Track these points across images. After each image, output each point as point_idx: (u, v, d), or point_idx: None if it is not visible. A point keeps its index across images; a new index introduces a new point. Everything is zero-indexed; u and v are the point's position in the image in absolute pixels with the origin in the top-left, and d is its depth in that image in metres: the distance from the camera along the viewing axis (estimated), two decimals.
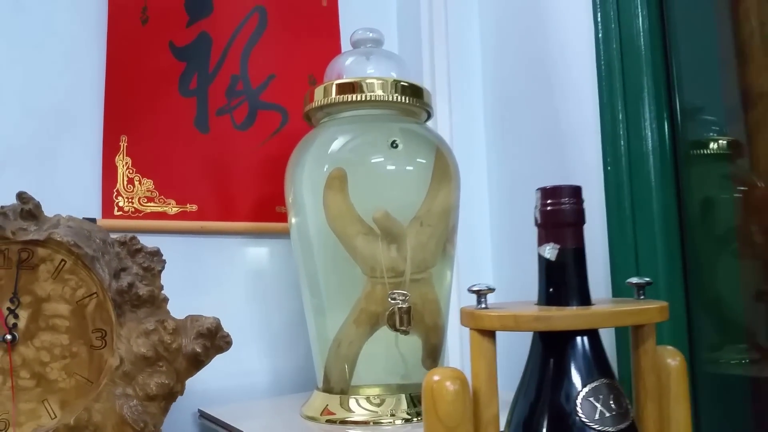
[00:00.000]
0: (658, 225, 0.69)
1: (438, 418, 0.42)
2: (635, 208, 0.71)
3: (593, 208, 0.72)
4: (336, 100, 0.68)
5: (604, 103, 0.74)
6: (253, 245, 0.86)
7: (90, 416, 0.49)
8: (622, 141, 0.72)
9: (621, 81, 0.73)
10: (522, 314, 0.42)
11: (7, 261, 0.49)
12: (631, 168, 0.71)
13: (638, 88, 0.71)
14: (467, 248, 0.89)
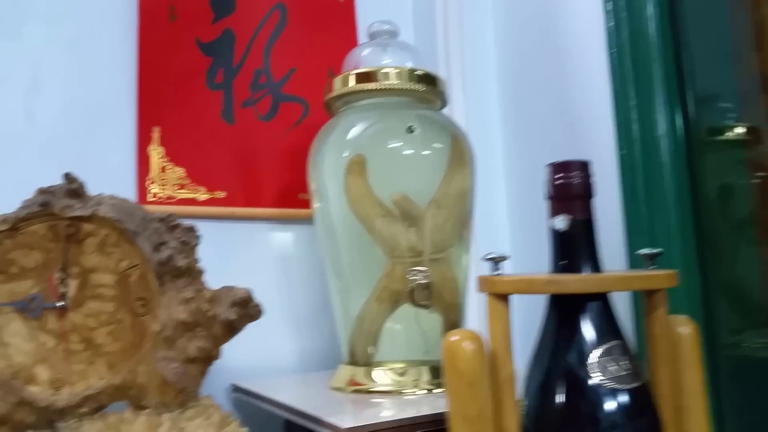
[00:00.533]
0: (672, 209, 0.71)
1: (458, 375, 0.45)
2: (649, 192, 0.73)
3: (608, 193, 0.75)
4: (354, 89, 0.72)
5: (616, 90, 0.77)
6: (278, 230, 0.90)
7: (135, 377, 0.53)
8: (635, 126, 0.75)
9: (632, 68, 0.76)
10: (534, 278, 0.46)
11: (56, 235, 0.54)
12: (643, 152, 0.74)
13: (649, 75, 0.74)
14: (485, 233, 0.92)
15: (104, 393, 0.53)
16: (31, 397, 0.51)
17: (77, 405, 0.52)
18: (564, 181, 0.49)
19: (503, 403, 0.47)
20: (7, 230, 0.53)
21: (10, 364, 0.52)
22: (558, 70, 0.86)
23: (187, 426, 0.52)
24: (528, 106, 0.91)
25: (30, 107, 0.76)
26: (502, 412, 0.47)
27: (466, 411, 0.45)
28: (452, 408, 0.46)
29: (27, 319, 0.53)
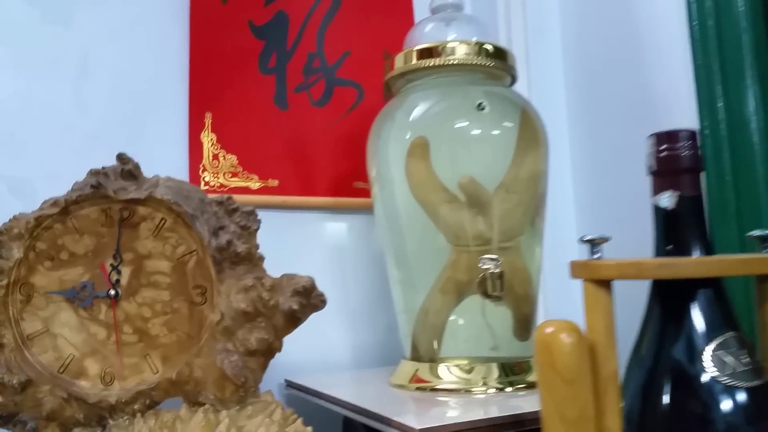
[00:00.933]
0: (763, 194, 0.66)
1: (556, 372, 0.40)
2: (737, 176, 0.67)
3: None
4: (417, 66, 0.67)
5: (698, 65, 0.71)
6: (332, 221, 0.86)
7: (191, 371, 0.50)
8: (720, 104, 0.69)
9: (717, 40, 0.70)
10: (644, 261, 0.40)
11: (109, 219, 0.50)
12: (730, 133, 0.68)
13: (736, 48, 0.68)
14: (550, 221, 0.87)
15: (158, 388, 0.49)
16: (81, 393, 0.48)
17: (129, 401, 0.48)
18: (670, 153, 0.44)
19: (605, 403, 0.41)
20: (58, 214, 0.49)
21: (59, 356, 0.49)
22: (631, 42, 0.79)
23: (246, 424, 0.48)
24: (597, 84, 0.85)
25: (80, 93, 0.73)
26: (604, 413, 0.41)
27: (564, 412, 0.40)
28: (547, 408, 0.41)
29: (77, 309, 0.50)
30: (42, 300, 0.49)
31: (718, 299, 0.43)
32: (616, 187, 0.85)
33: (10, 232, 0.48)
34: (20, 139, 0.70)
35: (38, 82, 0.71)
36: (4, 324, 0.48)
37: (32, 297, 0.49)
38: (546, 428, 0.41)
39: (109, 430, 0.48)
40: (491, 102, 0.66)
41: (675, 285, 0.43)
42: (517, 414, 0.53)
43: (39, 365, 0.48)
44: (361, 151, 0.83)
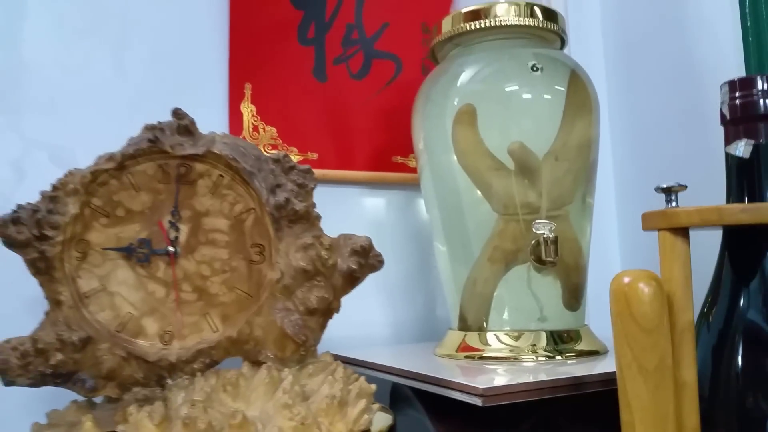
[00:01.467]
0: None
1: (634, 321, 0.39)
2: None
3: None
4: (465, 29, 0.66)
5: (747, 32, 0.69)
6: (371, 195, 0.85)
7: (251, 330, 0.49)
8: None
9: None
10: (727, 207, 0.39)
11: (166, 176, 0.49)
12: None
13: None
14: None
15: (218, 347, 0.48)
16: (140, 351, 0.47)
17: (189, 360, 0.48)
18: (746, 100, 0.43)
19: (681, 354, 0.41)
20: (114, 169, 0.49)
21: (117, 314, 0.48)
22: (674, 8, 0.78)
23: (308, 382, 0.47)
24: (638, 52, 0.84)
25: (119, 61, 0.73)
26: (680, 364, 0.40)
27: (643, 362, 0.39)
28: (625, 359, 0.40)
29: (134, 266, 0.49)
30: (98, 257, 0.49)
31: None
32: (656, 159, 0.84)
33: (66, 187, 0.48)
34: (60, 107, 0.69)
35: (78, 49, 0.70)
36: (60, 281, 0.47)
37: (88, 254, 0.48)
38: (623, 379, 0.40)
39: (168, 389, 0.47)
40: (542, 64, 0.65)
41: (751, 236, 0.42)
42: (577, 376, 0.52)
43: (97, 323, 0.47)
44: (400, 125, 0.82)
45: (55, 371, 0.46)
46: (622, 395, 0.40)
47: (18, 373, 0.46)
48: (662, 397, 0.39)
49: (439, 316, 0.87)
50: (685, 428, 0.40)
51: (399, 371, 0.59)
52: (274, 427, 0.43)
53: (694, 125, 0.78)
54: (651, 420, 0.39)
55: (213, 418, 0.43)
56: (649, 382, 0.39)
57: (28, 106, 0.69)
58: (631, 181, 0.88)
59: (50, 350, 0.46)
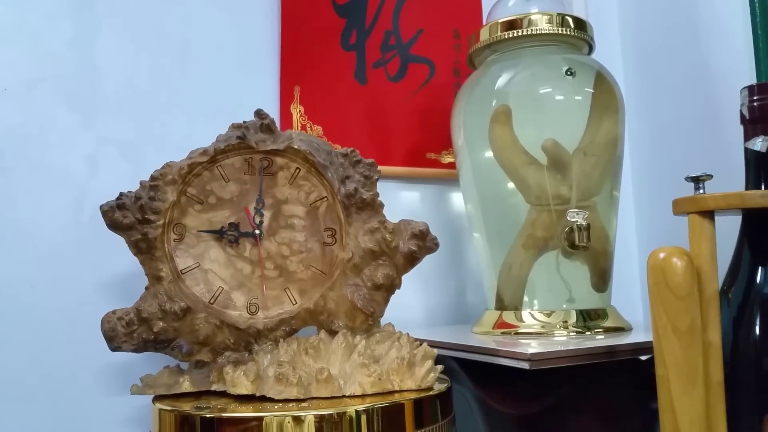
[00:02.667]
0: None
1: (669, 289, 0.46)
2: None
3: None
4: (502, 37, 0.73)
5: (759, 42, 0.76)
6: (406, 189, 0.92)
7: (325, 303, 0.56)
8: None
9: None
10: (748, 193, 0.46)
11: (251, 168, 0.56)
12: None
13: None
14: None
15: (297, 317, 0.55)
16: (232, 320, 0.54)
17: (273, 328, 0.54)
18: (763, 102, 0.50)
19: (708, 319, 0.47)
20: (207, 162, 0.56)
21: (210, 289, 0.55)
22: (690, 16, 0.85)
23: (377, 348, 0.54)
24: (655, 59, 0.91)
25: (182, 64, 0.79)
26: (707, 327, 0.47)
27: (677, 324, 0.46)
28: (661, 322, 0.47)
29: (225, 247, 0.56)
30: (193, 239, 0.55)
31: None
32: (671, 156, 0.91)
33: (165, 178, 0.54)
34: (128, 107, 0.76)
35: (144, 56, 0.77)
36: (161, 259, 0.54)
37: (184, 236, 0.55)
38: (659, 339, 0.47)
39: (255, 353, 0.54)
40: (573, 69, 0.72)
41: (765, 220, 0.49)
42: (610, 345, 0.59)
43: (193, 296, 0.54)
44: (433, 124, 0.90)
45: (156, 338, 0.53)
46: (657, 353, 0.47)
47: (123, 340, 0.53)
48: (693, 355, 0.46)
49: (470, 302, 0.94)
50: (712, 382, 0.47)
51: (447, 344, 0.66)
52: (355, 382, 0.50)
53: (707, 126, 0.85)
54: (683, 374, 0.46)
55: (301, 374, 0.49)
56: (682, 341, 0.46)
57: (99, 106, 0.75)
58: (648, 177, 0.95)
59: (153, 319, 0.53)
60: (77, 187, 0.73)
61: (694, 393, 0.45)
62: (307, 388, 0.49)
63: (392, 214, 0.90)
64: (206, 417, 0.46)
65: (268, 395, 0.49)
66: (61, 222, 0.71)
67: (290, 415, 0.45)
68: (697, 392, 0.45)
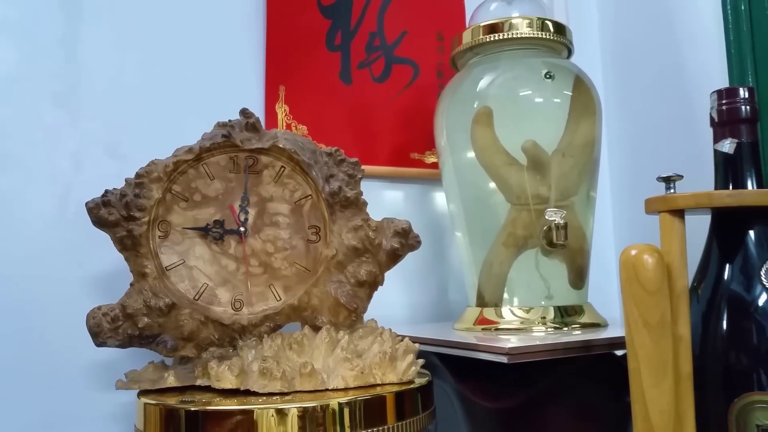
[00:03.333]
0: None
1: (640, 285, 0.48)
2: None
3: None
4: (484, 40, 0.74)
5: (731, 48, 0.78)
6: (390, 189, 0.93)
7: (309, 299, 0.57)
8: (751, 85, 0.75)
9: (748, 22, 0.77)
10: (715, 192, 0.48)
11: (237, 166, 0.57)
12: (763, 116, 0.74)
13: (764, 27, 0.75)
14: None
15: (281, 313, 0.56)
16: (216, 316, 0.55)
17: (257, 323, 0.56)
18: (730, 106, 0.51)
19: (678, 314, 0.49)
20: (192, 160, 0.57)
21: (195, 285, 0.56)
22: (666, 25, 0.87)
23: (360, 343, 0.56)
24: (633, 63, 0.93)
25: (169, 65, 0.80)
26: (677, 321, 0.49)
27: (647, 318, 0.48)
28: (632, 316, 0.48)
29: (210, 244, 0.57)
30: (178, 236, 0.56)
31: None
32: (647, 158, 0.93)
33: (150, 175, 0.55)
34: (113, 106, 0.76)
35: (129, 54, 0.78)
36: (146, 256, 0.55)
37: (169, 233, 0.56)
38: (630, 333, 0.49)
39: (240, 349, 0.55)
40: (552, 72, 0.74)
41: (732, 218, 0.51)
42: (586, 339, 0.61)
43: (177, 292, 0.55)
44: (416, 125, 0.91)
45: (141, 333, 0.54)
46: (629, 346, 0.49)
47: (109, 335, 0.54)
48: (663, 347, 0.47)
49: (452, 299, 0.95)
50: (681, 374, 0.49)
51: (428, 340, 0.67)
52: (338, 376, 0.52)
53: (681, 128, 0.87)
54: (654, 366, 0.47)
55: (285, 368, 0.51)
56: (652, 334, 0.48)
57: (85, 104, 0.76)
58: (624, 177, 0.97)
59: (138, 315, 0.54)
60: (62, 184, 0.74)
61: (664, 384, 0.47)
62: (291, 382, 0.50)
63: (376, 213, 0.91)
64: (191, 410, 0.47)
65: (252, 389, 0.50)
66: (46, 219, 0.71)
67: (274, 408, 0.46)
68: (667, 384, 0.47)
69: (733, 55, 0.77)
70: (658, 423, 0.47)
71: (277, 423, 0.46)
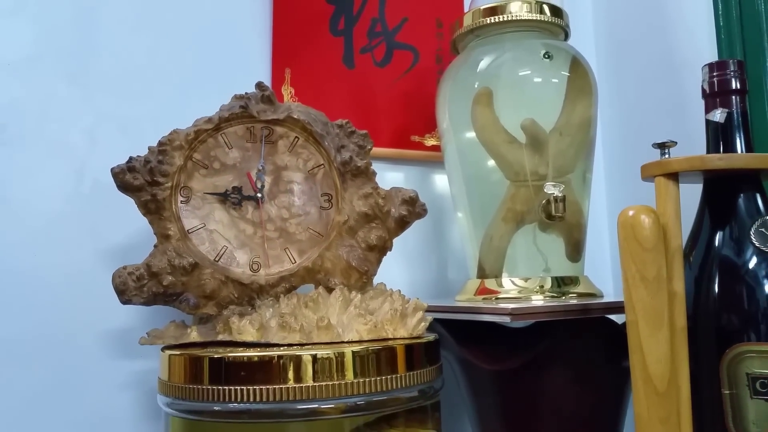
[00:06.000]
0: None
1: (637, 242, 0.51)
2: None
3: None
4: (484, 23, 0.78)
5: (720, 33, 0.81)
6: (391, 170, 0.96)
7: (323, 262, 0.60)
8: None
9: (738, 11, 0.80)
10: (708, 156, 0.52)
11: (253, 136, 0.60)
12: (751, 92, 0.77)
13: (757, 19, 0.78)
14: None
15: (296, 275, 0.59)
16: (236, 276, 0.58)
17: (274, 284, 0.58)
18: (721, 78, 0.55)
19: (672, 271, 0.53)
20: (212, 129, 0.59)
21: (215, 248, 0.59)
22: (658, 10, 0.91)
23: (371, 303, 0.59)
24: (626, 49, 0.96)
25: (176, 45, 0.82)
26: (672, 278, 0.52)
27: (644, 273, 0.51)
28: (630, 272, 0.52)
29: (228, 209, 0.60)
30: (199, 201, 0.59)
31: (758, 192, 0.54)
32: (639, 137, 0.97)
33: (173, 143, 0.58)
34: (127, 83, 0.79)
35: (142, 34, 0.80)
36: (169, 219, 0.58)
37: (191, 198, 0.59)
38: (628, 288, 0.52)
39: (258, 307, 0.58)
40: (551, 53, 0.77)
41: (723, 183, 0.54)
42: (585, 303, 0.64)
43: (199, 254, 0.58)
44: (417, 108, 0.94)
45: (165, 291, 0.57)
46: (627, 300, 0.52)
47: (134, 293, 0.57)
48: (659, 301, 0.51)
49: (451, 278, 0.98)
50: (676, 327, 0.52)
51: (434, 307, 0.70)
52: (352, 330, 0.55)
53: (672, 109, 0.91)
54: (651, 318, 0.51)
55: (303, 322, 0.54)
56: (649, 288, 0.51)
57: (99, 82, 0.78)
58: (618, 157, 1.01)
59: (162, 274, 0.56)
60: (77, 159, 0.76)
61: (660, 335, 0.50)
62: (308, 335, 0.53)
63: None
64: (215, 358, 0.50)
65: (272, 341, 0.53)
66: (62, 193, 0.74)
67: (293, 355, 0.49)
68: (663, 335, 0.50)
69: (723, 41, 0.81)
70: (654, 371, 0.50)
71: (296, 369, 0.49)
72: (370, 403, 0.51)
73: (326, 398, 0.50)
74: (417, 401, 0.54)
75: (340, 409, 0.50)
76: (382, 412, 0.52)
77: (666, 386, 0.49)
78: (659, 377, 0.50)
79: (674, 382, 0.50)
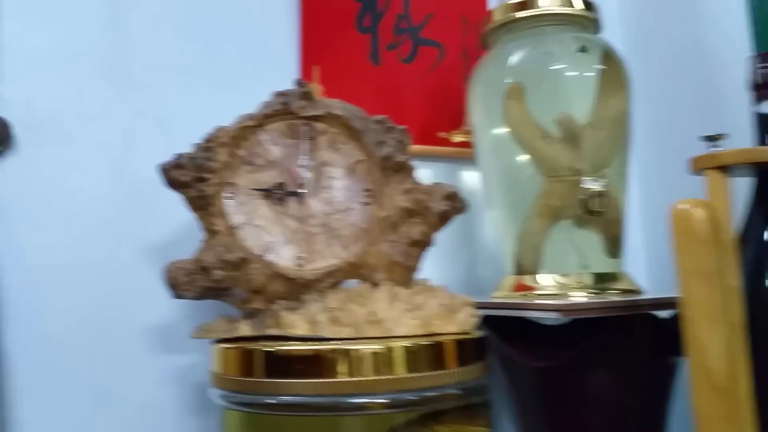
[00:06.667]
0: None
1: (693, 236, 0.50)
2: None
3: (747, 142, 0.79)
4: (514, 17, 0.77)
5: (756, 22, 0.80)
6: (420, 167, 0.95)
7: (366, 257, 0.60)
8: None
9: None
10: (761, 148, 0.51)
11: (294, 133, 0.60)
12: None
13: None
14: None
15: (341, 270, 0.59)
16: (282, 270, 0.58)
17: (319, 279, 0.58)
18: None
19: (726, 265, 0.52)
20: (254, 126, 0.59)
21: (260, 243, 0.59)
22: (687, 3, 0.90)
23: (417, 298, 0.58)
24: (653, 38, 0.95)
25: (209, 45, 0.83)
26: (726, 273, 0.52)
27: (701, 267, 0.50)
28: (685, 267, 0.51)
29: (273, 205, 0.60)
30: (244, 197, 0.59)
31: None
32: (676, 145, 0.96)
33: (218, 140, 0.58)
34: (161, 82, 0.79)
35: (176, 34, 0.81)
36: (215, 214, 0.58)
37: (236, 194, 0.59)
38: (684, 283, 0.51)
39: (305, 302, 0.57)
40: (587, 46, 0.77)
41: None
42: (633, 299, 0.63)
43: (246, 248, 0.58)
44: (443, 104, 0.94)
45: (215, 286, 0.57)
46: (684, 295, 0.51)
47: (186, 288, 0.57)
48: (715, 296, 0.50)
49: (481, 274, 0.98)
50: (734, 322, 0.51)
51: (477, 303, 0.70)
52: (402, 324, 0.54)
53: (702, 101, 0.90)
54: (708, 314, 0.50)
55: (353, 316, 0.53)
56: (705, 283, 0.50)
57: (134, 81, 0.79)
58: (648, 152, 1.00)
59: (212, 268, 0.56)
60: (115, 158, 0.76)
61: (719, 331, 0.50)
62: (359, 329, 0.53)
63: None
64: (270, 351, 0.50)
65: (323, 335, 0.53)
66: (102, 191, 0.74)
67: (345, 349, 0.49)
68: (722, 330, 0.50)
69: (758, 32, 0.80)
70: (713, 367, 0.49)
71: (349, 363, 0.49)
72: (422, 399, 0.51)
73: (378, 393, 0.49)
74: (467, 398, 0.54)
75: (392, 404, 0.50)
76: (433, 408, 0.52)
77: (727, 383, 0.48)
78: (720, 374, 0.49)
79: (734, 379, 0.49)
